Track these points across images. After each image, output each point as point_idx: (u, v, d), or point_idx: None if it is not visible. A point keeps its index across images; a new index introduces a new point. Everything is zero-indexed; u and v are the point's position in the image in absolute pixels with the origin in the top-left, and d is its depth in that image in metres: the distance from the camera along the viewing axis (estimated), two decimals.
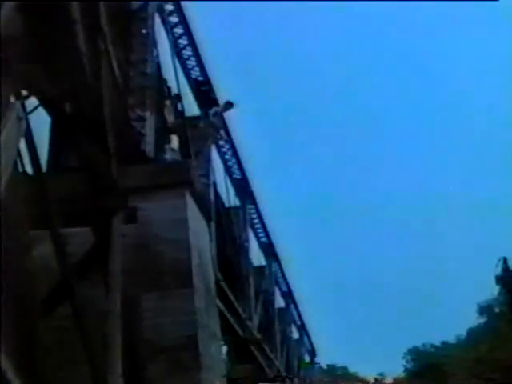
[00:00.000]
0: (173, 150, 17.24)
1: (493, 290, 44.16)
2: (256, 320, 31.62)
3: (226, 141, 28.63)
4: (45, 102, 11.77)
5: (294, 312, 49.75)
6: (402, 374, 71.97)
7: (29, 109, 9.75)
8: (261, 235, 38.17)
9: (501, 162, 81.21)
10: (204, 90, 24.49)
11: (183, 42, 22.77)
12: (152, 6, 18.13)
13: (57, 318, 10.49)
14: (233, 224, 30.08)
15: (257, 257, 36.71)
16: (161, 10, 20.13)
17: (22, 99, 8.66)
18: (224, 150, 29.07)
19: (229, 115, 25.89)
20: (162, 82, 19.18)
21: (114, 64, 13.03)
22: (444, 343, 67.35)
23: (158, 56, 18.54)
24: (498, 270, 41.29)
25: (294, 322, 50.67)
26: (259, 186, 34.42)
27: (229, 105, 24.55)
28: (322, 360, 62.41)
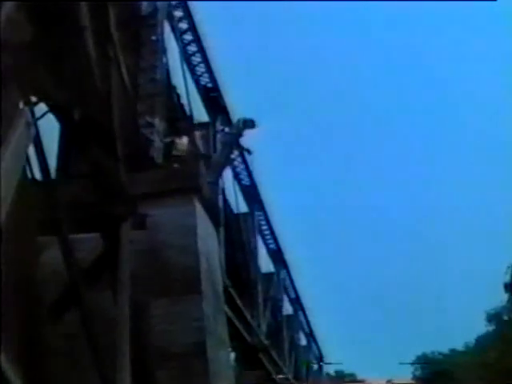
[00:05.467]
0: (181, 155, 17.20)
1: (501, 298, 44.01)
2: (264, 326, 31.55)
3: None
4: (54, 109, 11.77)
5: (303, 319, 49.63)
6: (411, 382, 71.75)
7: (38, 115, 9.74)
8: (269, 242, 38.10)
9: (503, 168, 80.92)
10: (213, 97, 24.49)
11: (192, 48, 22.79)
12: (162, 12, 18.15)
13: (65, 325, 10.48)
14: (241, 230, 30.04)
15: (265, 263, 36.66)
16: (170, 17, 20.16)
17: (31, 105, 8.66)
18: (233, 156, 29.03)
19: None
20: (170, 88, 19.19)
21: (124, 70, 13.05)
22: (452, 350, 67.14)
23: (167, 63, 18.56)
24: (507, 278, 41.14)
25: (302, 329, 50.54)
26: (268, 193, 34.37)
27: (251, 122, 24.49)
28: (330, 367, 62.22)
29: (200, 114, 23.12)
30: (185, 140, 17.44)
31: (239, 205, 30.30)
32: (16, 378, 6.79)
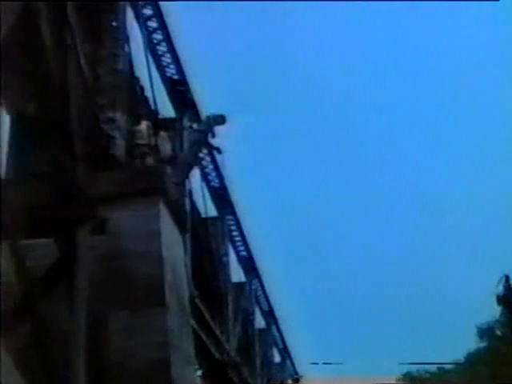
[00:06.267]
0: (145, 152, 17.17)
1: (493, 311, 44.31)
2: (234, 341, 31.59)
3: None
4: (4, 101, 11.78)
5: (276, 333, 49.70)
6: None
7: None
8: (240, 249, 38.08)
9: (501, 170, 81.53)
10: (180, 90, 24.48)
11: (158, 36, 22.75)
12: None
13: (17, 337, 10.48)
14: (210, 236, 30.06)
15: (236, 272, 36.67)
16: (133, 2, 20.13)
17: None
18: (201, 155, 29.01)
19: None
20: (133, 80, 19.18)
21: (82, 60, 13.04)
22: (440, 369, 67.52)
23: (129, 52, 18.53)
24: (500, 290, 41.44)
25: (276, 345, 50.59)
26: (239, 196, 34.35)
27: (221, 118, 24.46)
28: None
29: (166, 108, 23.12)
30: (144, 125, 17.40)
31: (208, 208, 30.34)
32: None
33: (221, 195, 32.34)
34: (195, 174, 27.27)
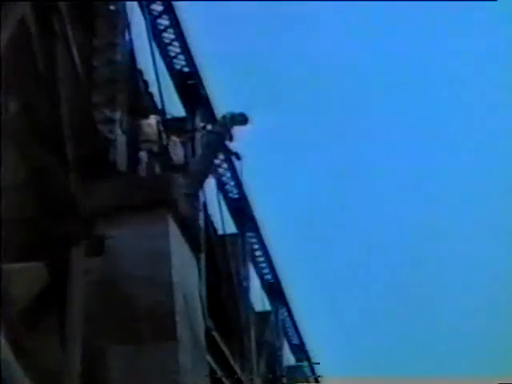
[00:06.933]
0: (154, 153, 17.09)
1: None
2: (258, 381, 31.47)
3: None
4: None
5: (309, 371, 49.56)
6: None
7: None
8: (264, 271, 37.98)
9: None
10: (191, 85, 24.43)
11: (164, 21, 22.69)
12: None
13: None
14: (228, 257, 29.98)
15: (259, 300, 36.59)
16: None
17: None
18: (217, 162, 28.90)
19: None
20: (136, 73, 19.12)
21: (74, 50, 12.98)
22: None
23: (131, 40, 18.48)
24: None
25: None
26: (262, 209, 34.23)
27: (241, 117, 24.28)
28: None
29: (174, 106, 23.07)
30: (153, 120, 17.34)
31: (225, 224, 30.27)
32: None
33: (240, 208, 32.24)
34: (210, 184, 27.16)
